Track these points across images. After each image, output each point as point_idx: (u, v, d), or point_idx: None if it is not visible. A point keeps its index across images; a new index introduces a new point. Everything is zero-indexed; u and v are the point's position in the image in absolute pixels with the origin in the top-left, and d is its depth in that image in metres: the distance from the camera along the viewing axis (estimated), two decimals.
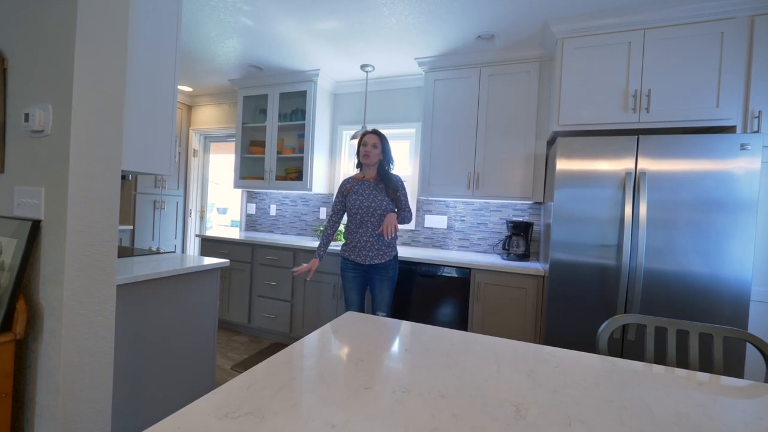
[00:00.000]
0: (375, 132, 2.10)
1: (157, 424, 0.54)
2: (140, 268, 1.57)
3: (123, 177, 2.09)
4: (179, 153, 3.88)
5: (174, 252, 2.04)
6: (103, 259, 1.27)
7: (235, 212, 6.16)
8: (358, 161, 2.14)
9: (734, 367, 1.63)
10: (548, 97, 2.37)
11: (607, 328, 0.99)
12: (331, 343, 0.91)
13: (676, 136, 1.75)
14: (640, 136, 1.80)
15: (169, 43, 1.61)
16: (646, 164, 1.78)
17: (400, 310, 2.46)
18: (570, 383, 0.75)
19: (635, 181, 1.79)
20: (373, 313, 2.10)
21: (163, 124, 1.60)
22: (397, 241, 3.07)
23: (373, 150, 2.05)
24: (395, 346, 0.92)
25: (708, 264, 1.69)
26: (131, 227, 3.41)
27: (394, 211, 2.05)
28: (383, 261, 2.05)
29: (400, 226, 2.97)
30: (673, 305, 1.73)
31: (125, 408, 1.50)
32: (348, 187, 2.14)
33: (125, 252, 1.94)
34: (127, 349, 1.49)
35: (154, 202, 3.66)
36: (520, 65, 2.43)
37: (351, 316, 1.13)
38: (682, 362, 1.06)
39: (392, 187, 2.05)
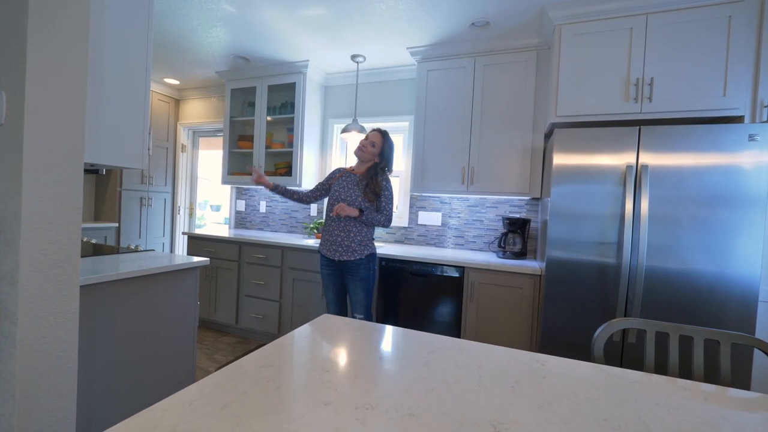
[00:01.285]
0: (380, 131, 2.04)
1: None
2: (112, 267, 1.50)
3: (96, 171, 2.01)
4: (166, 148, 3.80)
5: (153, 250, 1.97)
6: (63, 257, 1.19)
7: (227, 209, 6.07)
8: None
9: (740, 375, 1.55)
10: (546, 87, 2.28)
11: (603, 333, 0.92)
12: (298, 350, 0.83)
13: (680, 127, 1.67)
14: (641, 127, 1.72)
15: (140, 29, 1.53)
16: (648, 158, 1.70)
17: (389, 312, 2.39)
18: (558, 397, 0.68)
19: (636, 175, 1.71)
20: (352, 316, 2.02)
21: (135, 115, 1.53)
22: (389, 239, 3.00)
23: (370, 147, 1.99)
24: (368, 354, 0.85)
25: (714, 262, 1.61)
26: (116, 225, 3.33)
27: (361, 209, 1.95)
28: (353, 258, 1.96)
29: (380, 229, 2.91)
30: (676, 305, 1.66)
31: (93, 417, 1.43)
32: (336, 177, 2.11)
33: (100, 250, 1.86)
34: (97, 354, 1.42)
35: (141, 198, 3.59)
36: (517, 54, 2.35)
37: (326, 320, 1.06)
38: (686, 370, 0.99)
39: (372, 189, 1.95)
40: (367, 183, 1.98)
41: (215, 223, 6.67)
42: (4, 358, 1.13)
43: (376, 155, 2.00)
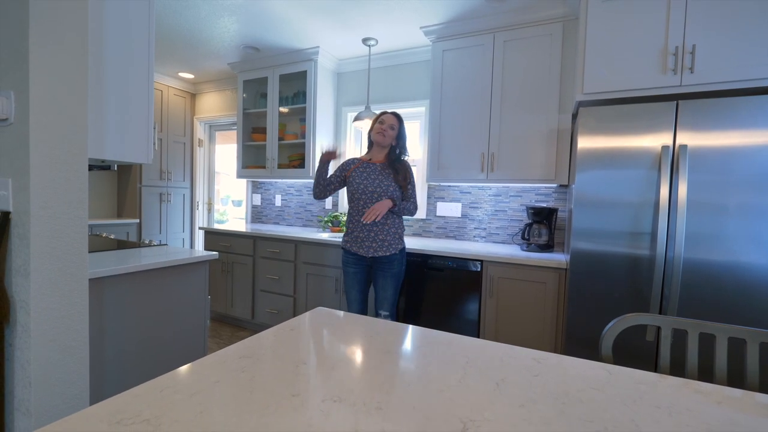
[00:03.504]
0: (395, 114, 2.05)
1: (40, 429, 0.51)
2: (122, 262, 1.60)
3: (107, 167, 2.15)
4: (183, 143, 3.99)
5: (166, 245, 2.09)
6: (72, 251, 1.29)
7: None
8: (370, 141, 2.09)
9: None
10: (573, 63, 2.17)
11: (612, 330, 0.87)
12: (282, 342, 0.86)
13: (726, 100, 1.54)
14: (679, 101, 1.60)
15: (142, 22, 1.61)
16: (687, 137, 1.58)
17: (404, 308, 2.39)
18: (546, 397, 0.66)
19: (673, 157, 1.60)
20: (376, 313, 2.04)
21: (139, 109, 1.61)
22: (406, 232, 2.99)
23: (390, 131, 2.00)
24: (351, 348, 0.86)
25: (766, 254, 1.49)
26: (137, 221, 3.55)
27: (393, 199, 1.95)
28: (388, 254, 1.96)
29: (406, 218, 2.89)
30: (721, 302, 1.55)
31: None
32: (351, 169, 2.06)
33: (111, 245, 2.00)
34: (108, 345, 1.53)
35: (160, 194, 3.80)
36: (540, 27, 2.25)
37: (318, 313, 1.08)
38: (707, 373, 0.91)
39: (402, 174, 1.98)
40: (396, 169, 1.99)
41: (237, 219, 6.94)
42: (21, 345, 1.24)
43: (394, 138, 2.02)
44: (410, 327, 0.99)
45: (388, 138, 2.00)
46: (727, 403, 0.66)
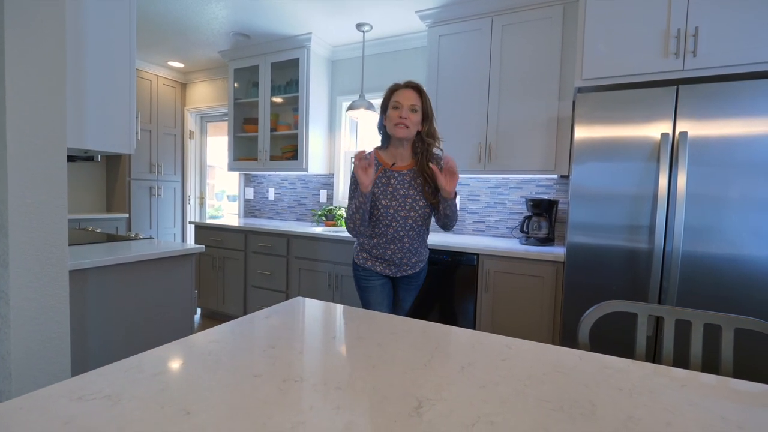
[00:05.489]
0: (412, 86, 1.52)
1: (2, 403, 0.56)
2: (105, 254, 1.65)
3: (90, 158, 2.21)
4: (174, 135, 4.04)
5: (152, 238, 2.14)
6: (51, 241, 1.34)
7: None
8: (384, 134, 1.60)
9: (756, 367, 1.45)
10: (574, 48, 2.18)
11: (589, 317, 0.90)
12: (253, 329, 0.90)
13: (729, 84, 1.54)
14: (680, 86, 1.61)
15: (123, 7, 1.65)
16: (688, 125, 1.60)
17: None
18: (509, 379, 0.69)
19: (673, 145, 1.61)
20: None
21: (120, 98, 1.66)
22: None
23: (412, 115, 1.48)
24: (322, 334, 0.90)
25: (767, 247, 1.50)
26: (126, 215, 3.62)
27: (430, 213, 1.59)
28: (417, 270, 1.70)
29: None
30: (721, 295, 1.56)
31: None
32: (372, 179, 1.49)
33: (96, 238, 2.05)
34: (90, 337, 1.59)
35: (150, 188, 3.86)
36: (540, 10, 2.26)
37: (296, 302, 1.12)
38: (683, 360, 0.92)
39: (434, 187, 1.52)
40: (426, 177, 1.53)
41: (232, 214, 7.02)
42: (1, 337, 1.30)
43: (420, 123, 1.52)
44: (386, 315, 1.02)
45: (414, 127, 1.50)
46: (691, 386, 0.69)
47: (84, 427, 0.51)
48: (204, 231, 3.18)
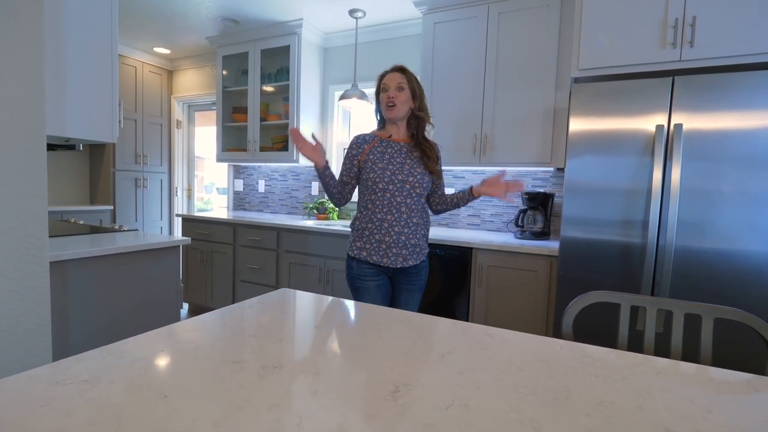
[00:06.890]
0: (397, 68, 1.63)
1: None
2: (87, 245, 1.67)
3: (72, 147, 2.21)
4: (160, 125, 4.04)
5: (137, 230, 2.16)
6: (31, 231, 1.36)
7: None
8: (380, 117, 1.70)
9: (741, 357, 1.50)
10: (571, 37, 2.20)
11: (573, 308, 0.93)
12: (236, 318, 0.92)
13: (725, 75, 1.57)
14: (675, 77, 1.64)
15: None
16: (683, 117, 1.63)
17: None
18: (487, 366, 0.72)
19: (668, 138, 1.64)
20: None
21: (102, 85, 1.67)
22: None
23: (399, 94, 1.58)
24: (305, 323, 0.92)
25: (764, 241, 1.54)
26: (111, 207, 3.62)
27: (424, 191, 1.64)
28: (417, 262, 1.64)
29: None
30: (714, 289, 1.60)
31: None
32: (366, 149, 1.62)
33: (79, 229, 2.06)
34: (72, 331, 1.61)
35: (136, 179, 3.86)
36: None
37: (282, 293, 1.15)
38: (663, 350, 0.95)
39: (434, 155, 1.63)
40: (422, 150, 1.62)
41: (222, 207, 7.02)
42: None
43: (410, 100, 1.61)
44: (372, 306, 1.05)
45: (402, 105, 1.58)
46: (667, 374, 0.72)
47: (61, 410, 0.53)
48: (191, 224, 3.20)
